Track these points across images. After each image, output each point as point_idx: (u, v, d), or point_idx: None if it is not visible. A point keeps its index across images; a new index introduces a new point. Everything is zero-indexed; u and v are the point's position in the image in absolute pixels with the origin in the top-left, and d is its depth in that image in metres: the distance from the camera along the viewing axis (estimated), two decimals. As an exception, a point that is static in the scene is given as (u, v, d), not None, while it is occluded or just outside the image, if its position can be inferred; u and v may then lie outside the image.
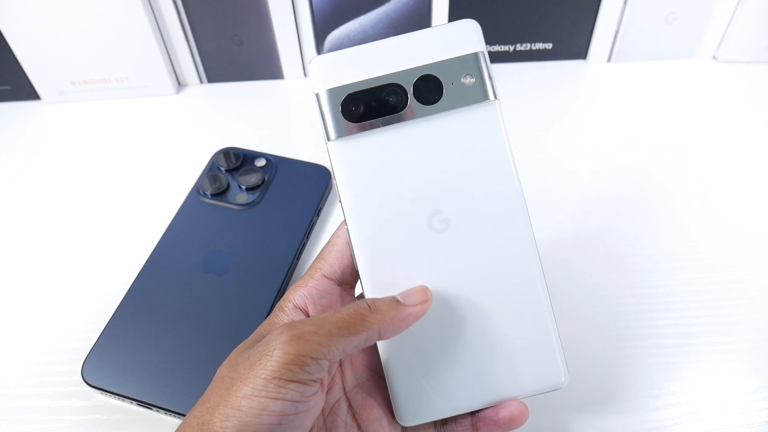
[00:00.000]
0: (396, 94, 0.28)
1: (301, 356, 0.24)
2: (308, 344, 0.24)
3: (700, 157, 0.50)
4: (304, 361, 0.24)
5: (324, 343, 0.24)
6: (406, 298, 0.27)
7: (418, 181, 0.28)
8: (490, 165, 0.28)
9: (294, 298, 0.29)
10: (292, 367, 0.24)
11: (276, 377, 0.23)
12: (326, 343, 0.24)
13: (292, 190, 0.46)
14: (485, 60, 0.28)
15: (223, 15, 0.54)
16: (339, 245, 0.29)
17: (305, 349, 0.24)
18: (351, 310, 0.26)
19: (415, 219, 0.28)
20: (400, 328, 0.26)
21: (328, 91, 0.28)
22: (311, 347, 0.24)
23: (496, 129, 0.28)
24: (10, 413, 0.37)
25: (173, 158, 0.52)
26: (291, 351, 0.24)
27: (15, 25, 0.52)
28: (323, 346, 0.24)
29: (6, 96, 0.58)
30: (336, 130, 0.28)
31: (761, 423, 0.35)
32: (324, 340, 0.24)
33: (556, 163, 0.50)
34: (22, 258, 0.45)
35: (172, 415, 0.36)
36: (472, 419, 0.29)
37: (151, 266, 0.42)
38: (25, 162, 0.53)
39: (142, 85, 0.57)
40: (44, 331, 0.41)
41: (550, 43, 0.58)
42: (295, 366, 0.24)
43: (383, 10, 0.54)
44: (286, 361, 0.24)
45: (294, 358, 0.24)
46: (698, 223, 0.45)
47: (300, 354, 0.24)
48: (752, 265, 0.43)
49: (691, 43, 0.57)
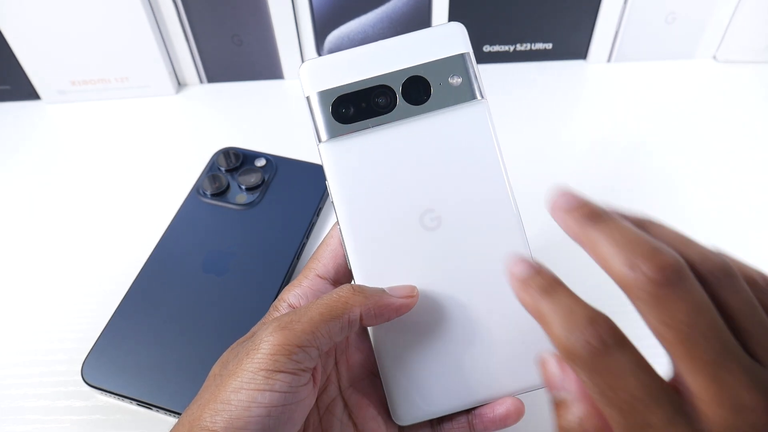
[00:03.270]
0: (385, 96, 0.29)
1: (286, 345, 0.24)
2: (293, 333, 0.24)
3: (700, 157, 0.50)
4: (290, 350, 0.24)
5: (308, 330, 0.25)
6: (392, 290, 0.27)
7: (408, 179, 0.29)
8: (478, 162, 0.29)
9: (288, 298, 0.29)
10: (278, 357, 0.24)
11: (263, 369, 0.24)
12: (310, 330, 0.25)
13: (292, 190, 0.46)
14: (471, 61, 0.29)
15: (223, 15, 0.54)
16: (332, 245, 0.30)
17: (289, 338, 0.24)
18: (333, 295, 0.26)
19: (406, 217, 0.28)
20: (381, 316, 0.27)
21: (318, 93, 0.29)
22: (295, 336, 0.24)
23: (484, 127, 0.29)
24: (10, 413, 0.37)
25: (173, 158, 0.52)
26: (276, 341, 0.24)
27: (15, 25, 0.52)
28: (307, 333, 0.25)
29: (6, 96, 0.58)
30: (327, 132, 0.29)
31: (761, 423, 0.35)
32: (307, 327, 0.25)
33: (556, 164, 0.50)
34: (22, 258, 0.45)
35: (171, 415, 0.36)
36: (468, 417, 0.29)
37: (151, 266, 0.42)
38: (25, 162, 0.53)
39: (142, 85, 0.57)
40: (44, 331, 0.41)
41: (550, 43, 0.58)
42: (282, 356, 0.24)
43: (383, 10, 0.54)
44: (272, 352, 0.24)
45: (280, 348, 0.24)
46: (698, 223, 0.45)
47: (285, 343, 0.24)
48: (753, 265, 0.43)
49: (691, 43, 0.57)
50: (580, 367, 0.20)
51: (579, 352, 0.19)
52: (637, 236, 0.20)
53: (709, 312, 0.19)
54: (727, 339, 0.19)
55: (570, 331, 0.20)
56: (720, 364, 0.18)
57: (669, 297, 0.19)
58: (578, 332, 0.19)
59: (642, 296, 0.19)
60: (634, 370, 0.19)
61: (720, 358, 0.18)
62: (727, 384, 0.18)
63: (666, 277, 0.19)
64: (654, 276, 0.19)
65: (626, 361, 0.19)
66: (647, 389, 0.19)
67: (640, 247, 0.19)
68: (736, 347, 0.19)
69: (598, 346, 0.19)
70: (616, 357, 0.19)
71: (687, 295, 0.19)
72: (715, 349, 0.18)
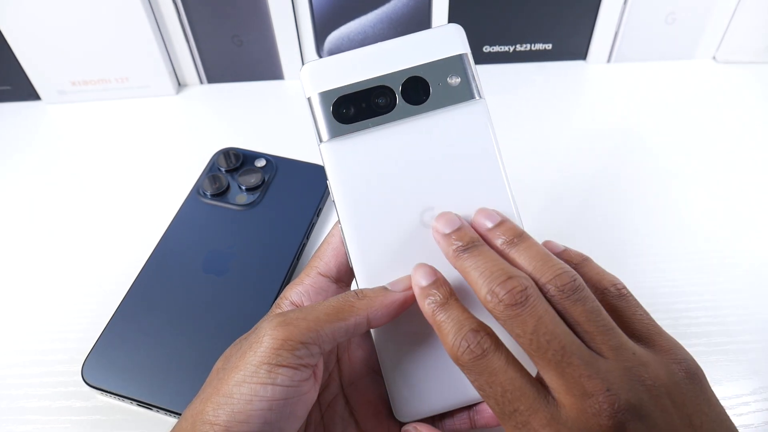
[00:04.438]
0: (385, 96, 0.29)
1: (290, 340, 0.24)
2: (296, 329, 0.25)
3: (700, 158, 0.50)
4: (293, 345, 0.24)
5: (312, 328, 0.25)
6: (393, 285, 0.28)
7: (408, 178, 0.29)
8: (477, 159, 0.29)
9: (291, 296, 0.29)
10: (281, 351, 0.24)
11: (266, 362, 0.24)
12: (314, 328, 0.25)
13: (292, 191, 0.46)
14: (470, 61, 0.29)
15: (223, 15, 0.54)
16: (334, 243, 0.30)
17: (293, 333, 0.25)
18: (340, 298, 0.27)
19: (407, 215, 0.29)
20: (389, 314, 0.27)
21: (319, 94, 0.29)
22: (299, 332, 0.25)
23: (483, 125, 0.29)
24: (10, 413, 0.37)
25: (173, 158, 0.52)
26: (279, 336, 0.24)
27: (15, 25, 0.52)
28: (311, 331, 0.25)
29: (6, 96, 0.58)
30: (328, 132, 0.29)
31: (761, 423, 0.35)
32: (312, 325, 0.25)
33: (556, 164, 0.50)
34: (22, 258, 0.45)
35: (171, 416, 0.36)
36: (470, 413, 0.29)
37: (152, 266, 0.42)
38: (25, 162, 0.53)
39: (142, 86, 0.57)
40: (44, 331, 0.41)
41: (549, 43, 0.58)
42: (284, 351, 0.24)
43: (383, 11, 0.54)
44: (275, 347, 0.24)
45: (282, 343, 0.24)
46: (698, 223, 0.45)
47: (288, 338, 0.24)
48: (752, 266, 0.43)
49: (690, 44, 0.58)
50: (466, 370, 0.24)
51: (464, 358, 0.24)
52: (495, 265, 0.25)
53: (551, 322, 0.24)
54: (569, 341, 0.23)
55: (458, 340, 0.24)
56: (563, 360, 0.23)
57: (519, 315, 0.24)
58: (465, 342, 0.24)
59: (500, 316, 0.24)
60: (506, 369, 0.24)
61: (562, 357, 0.23)
62: (570, 376, 0.23)
63: (514, 299, 0.24)
64: (507, 300, 0.24)
65: (499, 362, 0.24)
66: (515, 383, 0.23)
67: (497, 276, 0.25)
68: (577, 346, 0.23)
69: (478, 353, 0.24)
70: (491, 360, 0.24)
71: (532, 310, 0.24)
72: (556, 350, 0.23)
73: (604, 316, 0.25)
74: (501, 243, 0.27)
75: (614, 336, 0.24)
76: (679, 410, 0.23)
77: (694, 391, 0.24)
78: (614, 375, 0.23)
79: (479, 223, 0.28)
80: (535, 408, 0.23)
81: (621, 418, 0.22)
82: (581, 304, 0.24)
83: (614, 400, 0.22)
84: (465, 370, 0.24)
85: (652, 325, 0.26)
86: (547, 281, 0.25)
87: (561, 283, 0.25)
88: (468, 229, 0.27)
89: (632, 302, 0.27)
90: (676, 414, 0.23)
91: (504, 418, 0.24)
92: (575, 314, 0.24)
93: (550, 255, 0.26)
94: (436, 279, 0.27)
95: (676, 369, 0.24)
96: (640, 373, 0.23)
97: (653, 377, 0.23)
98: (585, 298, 0.25)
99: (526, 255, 0.26)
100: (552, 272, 0.25)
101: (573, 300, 0.24)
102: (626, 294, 0.27)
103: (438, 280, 0.27)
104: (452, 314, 0.25)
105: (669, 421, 0.23)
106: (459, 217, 0.28)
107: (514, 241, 0.27)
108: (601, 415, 0.22)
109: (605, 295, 0.26)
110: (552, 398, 0.23)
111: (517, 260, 0.26)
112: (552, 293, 0.25)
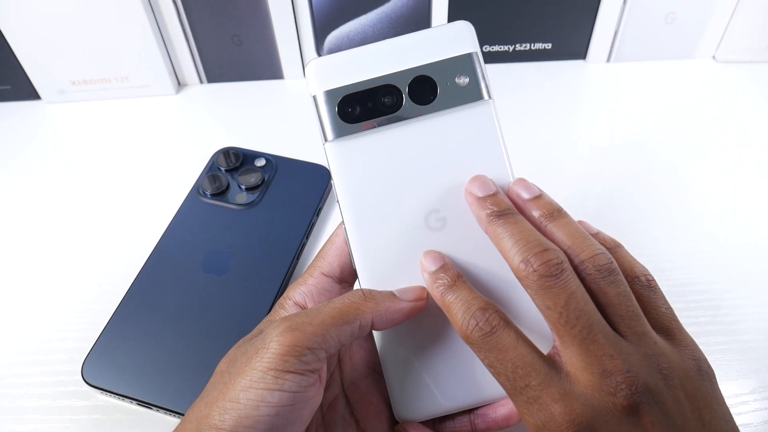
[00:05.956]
0: (391, 95, 0.28)
1: (297, 346, 0.24)
2: (303, 334, 0.24)
3: (699, 158, 0.50)
4: (300, 351, 0.24)
5: (318, 333, 0.25)
6: (402, 294, 0.27)
7: (414, 179, 0.28)
8: (484, 162, 0.28)
9: (294, 296, 0.29)
10: (288, 357, 0.24)
11: (273, 368, 0.24)
12: (320, 333, 0.25)
13: (292, 190, 0.46)
14: (479, 60, 0.29)
15: (223, 15, 0.54)
16: (338, 243, 0.30)
17: (300, 339, 0.24)
18: (345, 300, 0.26)
19: (411, 218, 0.28)
20: (392, 321, 0.27)
21: (325, 92, 0.28)
22: (306, 337, 0.24)
23: (491, 127, 0.29)
24: (10, 413, 0.37)
25: (173, 158, 0.52)
26: (286, 342, 0.24)
27: (15, 25, 0.52)
28: (318, 336, 0.25)
29: (6, 96, 0.58)
30: (333, 131, 0.28)
31: (760, 423, 0.35)
32: (318, 330, 0.25)
33: (556, 164, 0.50)
34: (22, 258, 0.45)
35: (172, 415, 0.36)
36: (470, 417, 0.29)
37: (151, 266, 0.42)
38: (25, 162, 0.53)
39: (142, 85, 0.57)
40: (44, 331, 0.41)
41: (549, 43, 0.58)
42: (291, 357, 0.24)
43: (383, 11, 0.54)
44: (282, 353, 0.24)
45: (290, 349, 0.24)
46: (698, 223, 0.45)
47: (295, 344, 0.24)
48: (752, 266, 0.43)
49: (690, 43, 0.58)
50: (476, 347, 0.25)
51: (474, 336, 0.25)
52: (531, 236, 0.25)
53: (582, 299, 0.24)
54: (596, 320, 0.24)
55: (467, 319, 0.25)
56: (588, 338, 0.23)
57: (551, 287, 0.24)
58: (473, 320, 0.25)
59: (532, 285, 0.25)
60: (516, 345, 0.24)
61: (588, 333, 0.24)
62: (594, 354, 0.23)
63: (549, 271, 0.24)
64: (541, 270, 0.24)
65: (509, 339, 0.24)
66: (525, 359, 0.24)
67: (533, 246, 0.25)
68: (603, 326, 0.24)
69: (487, 329, 0.24)
70: (501, 336, 0.24)
71: (566, 284, 0.24)
72: (584, 326, 0.24)
73: (634, 303, 0.25)
74: (538, 215, 0.27)
75: (640, 323, 0.25)
76: (691, 403, 0.24)
77: (706, 388, 0.25)
78: (635, 358, 0.24)
79: (516, 193, 0.28)
80: (546, 383, 0.23)
81: (636, 399, 0.23)
82: (615, 287, 0.25)
83: (633, 381, 0.23)
84: (475, 348, 0.25)
85: (674, 321, 0.27)
86: (585, 259, 0.25)
87: (599, 263, 0.25)
88: (503, 196, 0.27)
89: (659, 295, 0.27)
90: (688, 406, 0.24)
91: (515, 394, 0.24)
92: (609, 295, 0.25)
93: (587, 234, 0.26)
94: (444, 263, 0.27)
95: (691, 365, 0.25)
96: (659, 362, 0.24)
97: (670, 367, 0.24)
98: (619, 282, 0.25)
99: (564, 231, 0.26)
100: (591, 251, 0.25)
101: (608, 282, 0.25)
102: (655, 286, 0.27)
103: (446, 264, 0.27)
104: (460, 295, 0.26)
105: (681, 411, 0.23)
106: (494, 183, 0.28)
107: (554, 215, 0.27)
108: (617, 394, 0.23)
109: (634, 283, 0.27)
110: (564, 374, 0.24)
111: (555, 234, 0.26)
112: (589, 271, 0.25)
